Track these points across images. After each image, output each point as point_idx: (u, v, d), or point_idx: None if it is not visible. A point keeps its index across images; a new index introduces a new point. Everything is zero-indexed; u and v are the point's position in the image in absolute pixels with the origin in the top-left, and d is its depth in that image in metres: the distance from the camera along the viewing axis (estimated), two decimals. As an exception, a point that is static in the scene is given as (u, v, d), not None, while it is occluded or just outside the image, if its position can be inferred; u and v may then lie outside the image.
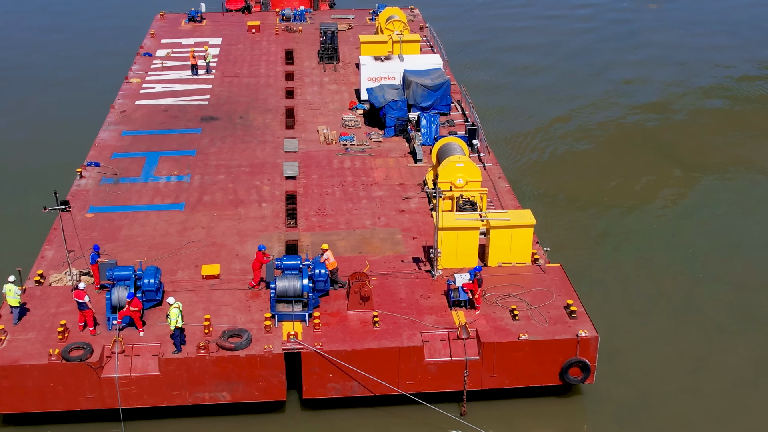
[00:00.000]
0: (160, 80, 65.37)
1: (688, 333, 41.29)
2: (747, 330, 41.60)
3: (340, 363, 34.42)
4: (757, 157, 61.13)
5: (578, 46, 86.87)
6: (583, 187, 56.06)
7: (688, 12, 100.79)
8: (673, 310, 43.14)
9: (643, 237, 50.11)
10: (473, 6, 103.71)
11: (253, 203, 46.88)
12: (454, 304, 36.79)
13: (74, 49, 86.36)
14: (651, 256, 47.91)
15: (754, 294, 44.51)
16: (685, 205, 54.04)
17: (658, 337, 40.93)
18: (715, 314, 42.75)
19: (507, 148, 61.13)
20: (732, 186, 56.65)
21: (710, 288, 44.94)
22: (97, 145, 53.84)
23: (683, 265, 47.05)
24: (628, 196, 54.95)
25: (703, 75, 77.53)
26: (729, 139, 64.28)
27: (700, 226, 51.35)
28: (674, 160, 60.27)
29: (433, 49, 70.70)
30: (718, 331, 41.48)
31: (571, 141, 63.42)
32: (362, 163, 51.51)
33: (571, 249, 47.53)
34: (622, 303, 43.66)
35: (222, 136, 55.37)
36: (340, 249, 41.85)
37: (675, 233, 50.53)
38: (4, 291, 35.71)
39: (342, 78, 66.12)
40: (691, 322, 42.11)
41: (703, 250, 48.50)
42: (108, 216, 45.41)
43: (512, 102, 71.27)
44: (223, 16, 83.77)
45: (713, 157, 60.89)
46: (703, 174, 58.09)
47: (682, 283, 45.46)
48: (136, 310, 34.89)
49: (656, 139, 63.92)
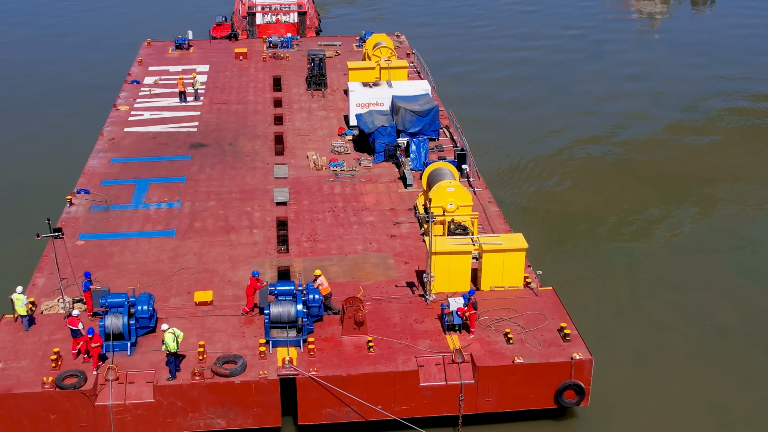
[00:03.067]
0: (149, 107, 65.45)
1: (683, 355, 41.47)
2: (743, 348, 41.89)
3: (336, 389, 34.38)
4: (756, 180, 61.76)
5: (569, 72, 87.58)
6: (573, 211, 56.39)
7: (688, 40, 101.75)
8: (667, 331, 43.36)
9: (634, 259, 50.41)
10: (458, 31, 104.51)
11: (245, 229, 46.91)
12: (448, 328, 36.87)
13: (61, 77, 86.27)
14: (643, 278, 48.20)
15: (747, 314, 44.87)
16: (675, 228, 54.48)
17: (652, 359, 41.08)
18: (709, 336, 43.00)
19: (496, 173, 61.43)
20: (727, 213, 57.08)
21: (704, 310, 45.23)
22: (87, 173, 53.79)
23: (674, 286, 47.36)
24: (618, 219, 55.34)
25: (694, 109, 78.10)
26: (727, 165, 64.71)
27: (690, 249, 51.74)
28: (664, 185, 60.70)
29: (420, 75, 71.19)
30: (712, 354, 41.69)
31: (560, 165, 63.83)
32: (352, 188, 51.69)
33: (563, 272, 47.71)
34: (615, 325, 43.84)
35: (212, 163, 55.44)
36: (333, 274, 41.90)
37: (666, 255, 50.90)
38: (13, 300, 36.74)
39: (330, 104, 66.43)
40: (685, 344, 42.32)
41: (695, 273, 48.87)
42: (99, 243, 45.32)
43: (500, 126, 71.76)
44: (210, 44, 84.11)
45: (705, 184, 61.32)
46: (693, 199, 58.57)
47: (675, 304, 45.72)
48: (97, 345, 34.33)
49: (646, 166, 64.38)
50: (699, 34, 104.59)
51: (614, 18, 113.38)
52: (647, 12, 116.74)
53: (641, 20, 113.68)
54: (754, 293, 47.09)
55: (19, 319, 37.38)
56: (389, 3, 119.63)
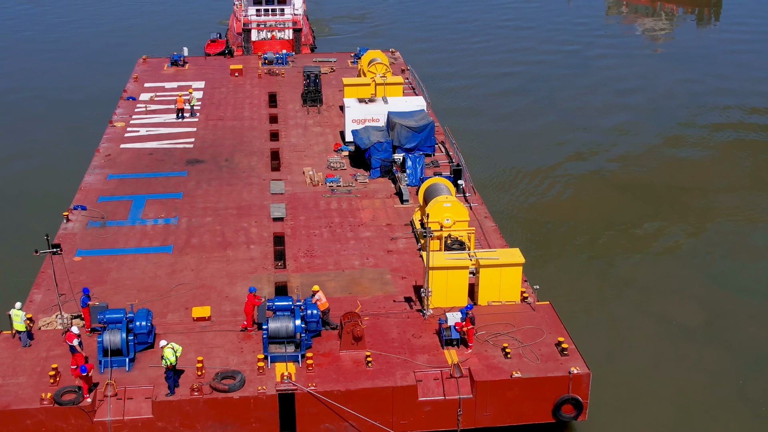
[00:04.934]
0: (145, 124, 65.59)
1: (680, 368, 41.62)
2: (740, 363, 42.06)
3: (334, 404, 34.41)
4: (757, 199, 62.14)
5: (565, 87, 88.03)
6: (569, 225, 56.66)
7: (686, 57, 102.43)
8: (664, 344, 43.52)
9: (631, 272, 50.65)
10: (453, 47, 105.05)
11: (242, 245, 46.99)
12: (446, 343, 36.96)
13: (56, 93, 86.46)
14: (639, 292, 48.43)
15: (741, 325, 45.10)
16: (671, 240, 54.78)
17: (650, 372, 41.23)
18: (706, 347, 43.18)
19: (492, 188, 61.68)
20: (724, 227, 57.41)
21: (697, 323, 45.44)
22: (83, 189, 53.85)
23: (673, 299, 47.59)
24: (615, 233, 55.58)
25: (688, 124, 78.59)
26: (725, 182, 65.12)
27: (687, 262, 52.03)
28: (660, 199, 61.07)
29: (415, 91, 71.52)
30: (709, 366, 41.86)
31: (556, 180, 64.15)
32: (349, 204, 51.85)
33: (559, 287, 47.88)
34: (612, 339, 44.01)
35: (208, 179, 55.57)
36: (330, 290, 41.98)
37: (661, 267, 51.14)
38: (11, 316, 36.78)
39: (326, 120, 66.66)
40: (683, 357, 42.48)
41: (691, 284, 49.14)
42: (96, 259, 45.35)
43: (496, 141, 72.12)
44: (206, 60, 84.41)
45: (702, 196, 61.68)
46: (689, 212, 58.88)
47: (672, 317, 45.92)
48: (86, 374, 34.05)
49: (641, 180, 64.76)
50: (699, 50, 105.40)
51: (615, 34, 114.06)
52: (651, 28, 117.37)
53: (643, 36, 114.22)
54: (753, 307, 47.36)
55: (17, 335, 37.39)
56: (384, 19, 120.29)
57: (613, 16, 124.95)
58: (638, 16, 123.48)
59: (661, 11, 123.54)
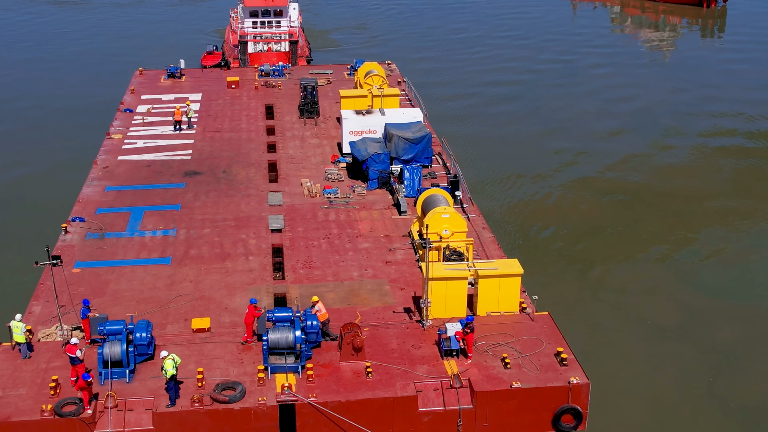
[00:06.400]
0: (142, 136, 65.68)
1: (678, 377, 41.77)
2: (738, 374, 42.23)
3: (335, 415, 34.45)
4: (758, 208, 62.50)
5: (563, 100, 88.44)
6: (567, 235, 56.90)
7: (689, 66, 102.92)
8: (662, 353, 43.68)
9: (629, 281, 50.89)
10: (450, 59, 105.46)
11: (240, 256, 47.07)
12: (446, 354, 37.05)
13: (53, 105, 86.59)
14: (636, 301, 48.64)
15: (736, 331, 45.31)
16: (667, 249, 55.06)
17: (648, 380, 41.37)
18: (708, 357, 43.37)
19: (489, 199, 61.94)
20: (721, 236, 57.73)
21: (695, 332, 45.63)
22: (81, 201, 53.88)
23: (668, 308, 47.80)
24: (612, 242, 55.85)
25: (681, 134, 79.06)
26: (722, 192, 65.48)
27: (682, 271, 52.28)
28: (660, 209, 61.41)
29: (412, 102, 71.77)
30: (706, 375, 42.02)
31: (553, 191, 64.47)
32: (347, 215, 51.98)
33: (557, 297, 48.09)
34: (610, 348, 44.17)
35: (206, 191, 55.66)
36: (329, 301, 42.05)
37: (657, 277, 51.38)
38: (12, 328, 36.78)
39: (323, 132, 66.83)
40: (680, 366, 42.65)
41: (687, 295, 49.37)
42: (95, 271, 45.36)
43: (493, 152, 72.42)
44: (202, 72, 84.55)
45: (698, 207, 62.01)
46: (686, 222, 59.23)
47: (670, 325, 46.14)
48: (87, 386, 33.92)
49: (639, 188, 65.14)
50: (698, 60, 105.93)
51: (618, 45, 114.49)
52: (655, 40, 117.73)
53: (645, 48, 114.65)
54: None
55: (17, 346, 37.38)
56: (380, 31, 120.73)
57: (617, 29, 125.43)
58: (642, 28, 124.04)
59: (665, 24, 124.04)
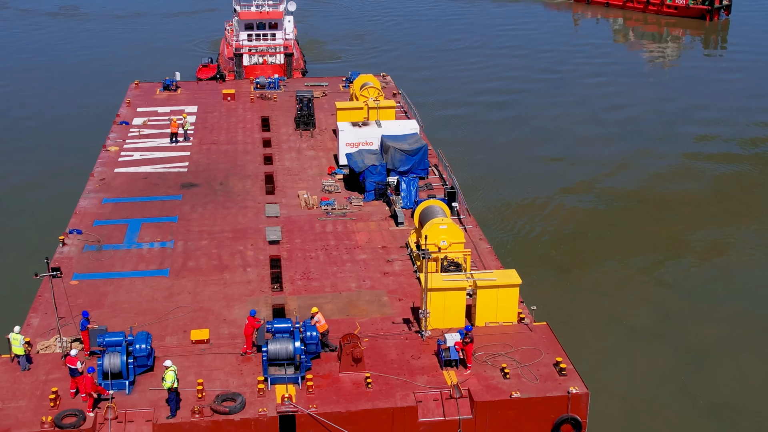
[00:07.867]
0: (138, 148, 65.76)
1: (678, 385, 41.92)
2: (738, 379, 42.43)
3: (335, 426, 34.48)
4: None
5: (559, 111, 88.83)
6: (562, 244, 57.13)
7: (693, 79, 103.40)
8: (660, 361, 43.84)
9: (625, 290, 51.07)
10: (444, 70, 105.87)
11: (238, 268, 47.13)
12: (445, 364, 37.14)
13: (49, 118, 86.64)
14: (633, 310, 48.83)
15: (733, 335, 45.54)
16: (664, 256, 55.34)
17: (647, 389, 41.51)
18: (703, 362, 43.55)
19: (486, 210, 62.15)
20: (719, 242, 58.02)
21: (693, 339, 45.83)
22: (78, 213, 53.90)
23: (665, 316, 47.98)
24: (608, 251, 56.04)
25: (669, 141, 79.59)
26: (719, 201, 65.81)
27: (679, 278, 52.51)
28: (654, 219, 61.72)
29: (408, 114, 72.01)
30: (704, 382, 42.17)
31: (548, 200, 64.73)
32: (344, 227, 52.10)
33: (554, 307, 48.23)
34: (609, 358, 44.30)
35: (203, 203, 55.74)
36: (327, 312, 42.09)
37: (654, 285, 51.59)
38: (10, 340, 36.75)
39: (319, 144, 67.02)
40: (679, 373, 42.79)
41: (683, 304, 49.60)
42: (92, 283, 45.37)
43: (488, 163, 72.69)
44: (198, 85, 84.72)
45: (694, 217, 62.33)
46: (682, 231, 59.52)
47: (667, 334, 46.32)
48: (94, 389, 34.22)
49: (637, 195, 65.43)
50: (701, 72, 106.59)
51: (619, 59, 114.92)
52: (657, 54, 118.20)
53: (647, 61, 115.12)
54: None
55: (16, 359, 37.36)
56: (376, 43, 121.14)
57: (619, 42, 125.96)
58: (644, 41, 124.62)
59: (667, 37, 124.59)
